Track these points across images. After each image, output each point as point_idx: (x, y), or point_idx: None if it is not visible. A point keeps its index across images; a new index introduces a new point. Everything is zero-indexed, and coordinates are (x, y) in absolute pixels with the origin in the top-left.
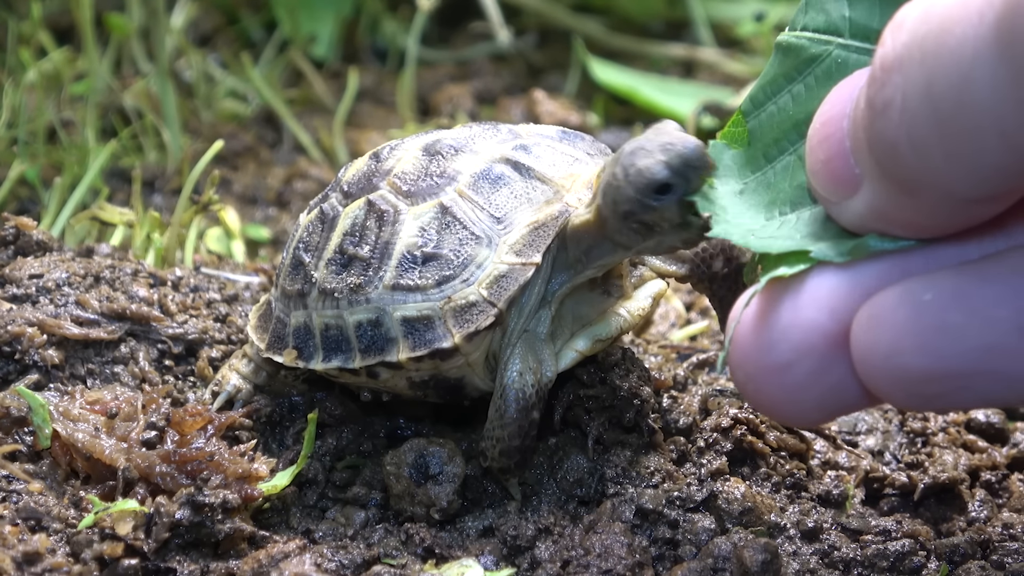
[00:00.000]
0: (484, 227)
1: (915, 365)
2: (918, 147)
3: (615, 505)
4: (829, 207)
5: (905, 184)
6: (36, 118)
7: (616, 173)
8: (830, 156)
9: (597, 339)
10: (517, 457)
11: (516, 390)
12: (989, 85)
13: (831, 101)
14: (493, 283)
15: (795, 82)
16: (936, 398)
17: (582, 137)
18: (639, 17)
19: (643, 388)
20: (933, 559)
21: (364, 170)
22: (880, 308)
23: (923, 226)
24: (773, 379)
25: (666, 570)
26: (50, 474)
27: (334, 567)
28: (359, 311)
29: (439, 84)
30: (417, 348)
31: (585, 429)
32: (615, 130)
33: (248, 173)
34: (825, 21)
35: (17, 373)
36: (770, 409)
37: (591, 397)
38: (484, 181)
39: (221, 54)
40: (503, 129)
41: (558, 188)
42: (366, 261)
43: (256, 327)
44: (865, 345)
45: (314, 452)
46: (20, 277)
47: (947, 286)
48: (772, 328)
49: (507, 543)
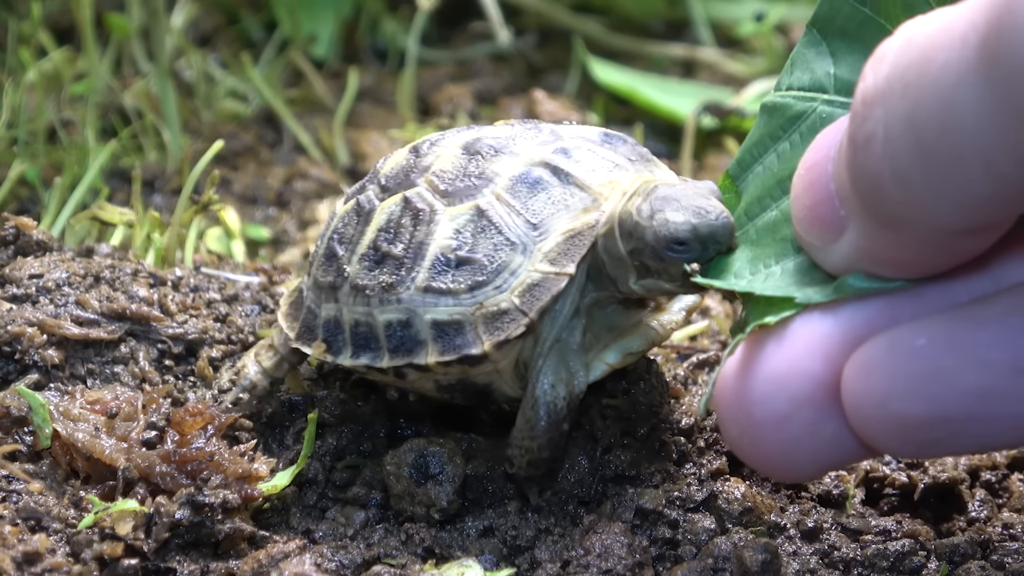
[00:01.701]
0: (519, 233)
1: (910, 411)
2: (901, 179)
3: (615, 505)
4: (815, 253)
5: (890, 220)
6: (36, 118)
7: (642, 209)
8: (815, 201)
9: (628, 352)
10: (544, 468)
11: (548, 402)
12: (973, 111)
13: (815, 147)
14: (526, 292)
15: (780, 140)
16: (932, 444)
17: (624, 140)
18: (639, 17)
19: (663, 406)
20: (933, 559)
21: (403, 164)
22: (872, 355)
23: (910, 263)
24: (769, 432)
25: (666, 570)
26: (50, 474)
27: (334, 567)
28: (390, 310)
29: (439, 84)
30: (446, 353)
31: (597, 436)
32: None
33: (248, 173)
34: (810, 79)
35: (17, 373)
36: (765, 463)
37: (611, 407)
38: (522, 185)
39: (221, 54)
40: (545, 129)
41: (596, 196)
42: (399, 260)
43: (287, 315)
44: (857, 393)
45: (314, 452)
46: (20, 277)
47: (939, 330)
48: (766, 379)
49: (507, 543)
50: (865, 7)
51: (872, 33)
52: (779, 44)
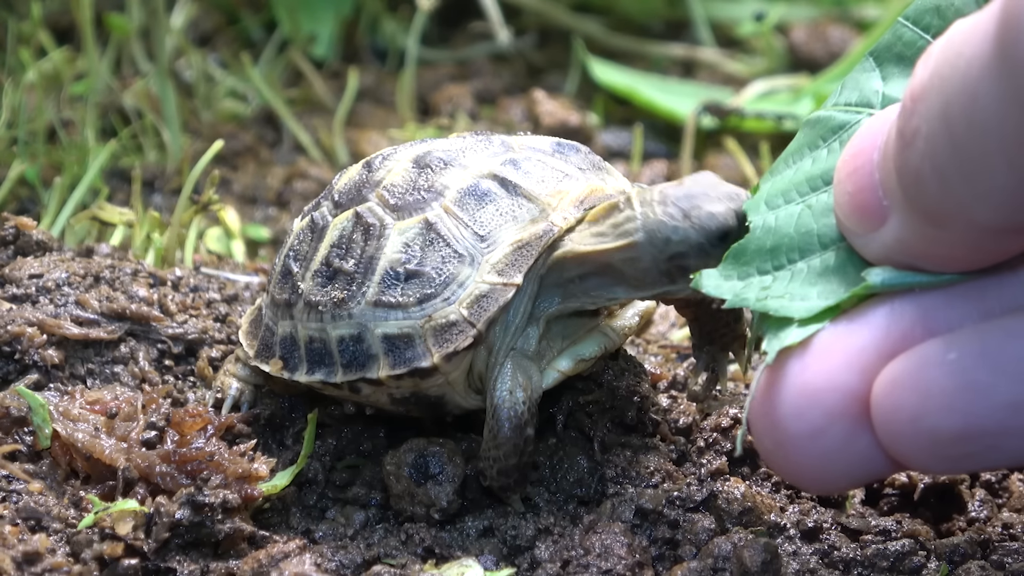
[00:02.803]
0: (468, 245)
1: (943, 426)
2: (940, 175)
3: (615, 505)
4: (853, 239)
5: (932, 215)
6: (36, 118)
7: (672, 213)
8: (859, 188)
9: (580, 359)
10: (516, 475)
11: (508, 408)
12: (993, 104)
13: (862, 134)
14: (473, 303)
15: (819, 148)
16: (964, 459)
17: (576, 149)
18: (639, 17)
19: (641, 385)
20: (933, 559)
21: (356, 180)
22: (903, 370)
23: (951, 259)
24: (804, 446)
25: (666, 570)
26: (50, 474)
27: (334, 567)
28: (342, 326)
29: (439, 84)
30: (397, 366)
31: (589, 434)
32: (615, 130)
33: (248, 173)
34: (858, 96)
35: (17, 373)
36: (799, 477)
37: (591, 402)
38: (470, 197)
39: (221, 54)
40: (495, 141)
41: (544, 206)
42: (350, 275)
43: (247, 333)
44: (888, 408)
45: (314, 452)
46: (20, 277)
47: (972, 344)
48: (800, 393)
49: (507, 543)
50: (928, 35)
51: None
52: (779, 44)
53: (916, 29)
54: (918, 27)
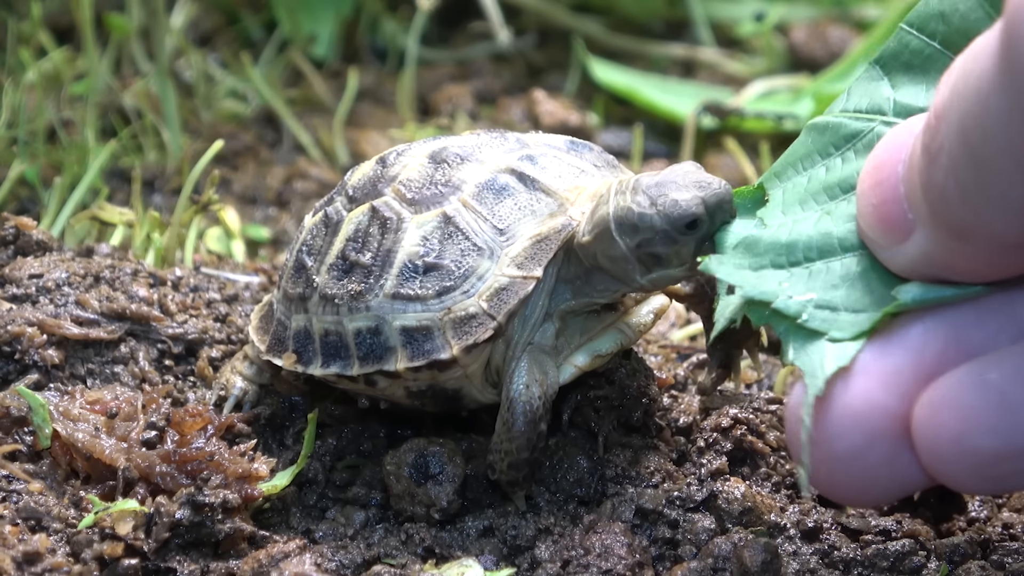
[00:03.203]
0: (486, 238)
1: (986, 446)
2: (961, 190)
3: (615, 505)
4: (879, 252)
5: (955, 229)
6: (36, 118)
7: (640, 201)
8: (883, 200)
9: (597, 355)
10: (526, 470)
11: (524, 402)
12: (1003, 116)
13: (885, 146)
14: (493, 296)
15: (832, 156)
16: (1008, 477)
17: (590, 148)
18: (639, 17)
19: (651, 387)
20: (933, 559)
21: (370, 175)
22: (944, 392)
23: (976, 272)
24: (847, 466)
25: (666, 570)
26: (50, 474)
27: (334, 567)
28: (359, 318)
29: (439, 84)
30: (415, 358)
31: (595, 429)
32: (615, 130)
33: (248, 173)
34: (868, 103)
35: (17, 373)
36: (842, 494)
37: (600, 397)
38: (488, 191)
39: (221, 54)
40: (511, 138)
41: (562, 201)
42: (367, 268)
43: (257, 328)
44: (930, 429)
45: (314, 452)
46: (20, 277)
47: (1012, 363)
48: (842, 414)
49: (507, 543)
50: (935, 42)
51: (939, 67)
52: (779, 44)
53: (922, 36)
54: (924, 34)
